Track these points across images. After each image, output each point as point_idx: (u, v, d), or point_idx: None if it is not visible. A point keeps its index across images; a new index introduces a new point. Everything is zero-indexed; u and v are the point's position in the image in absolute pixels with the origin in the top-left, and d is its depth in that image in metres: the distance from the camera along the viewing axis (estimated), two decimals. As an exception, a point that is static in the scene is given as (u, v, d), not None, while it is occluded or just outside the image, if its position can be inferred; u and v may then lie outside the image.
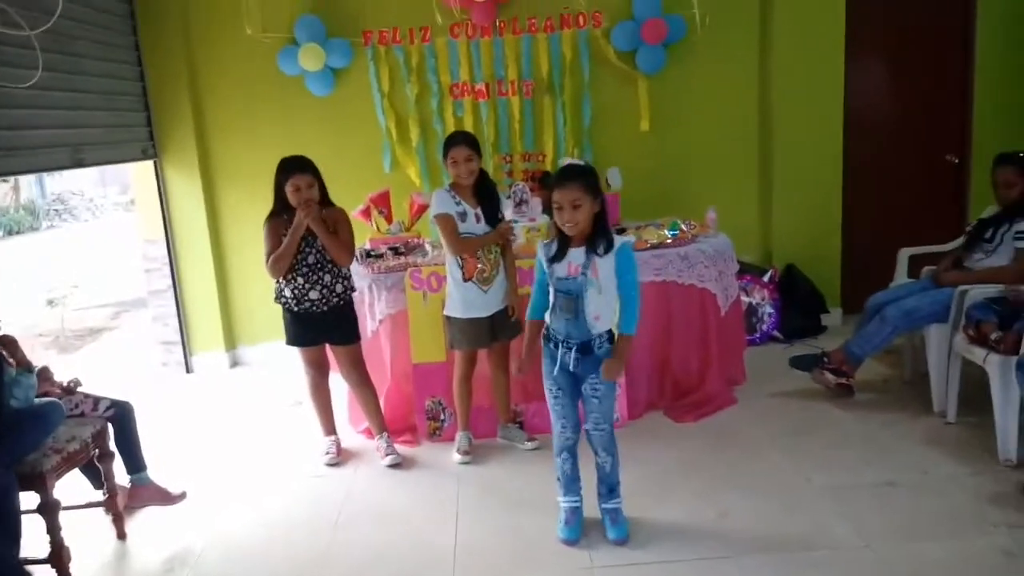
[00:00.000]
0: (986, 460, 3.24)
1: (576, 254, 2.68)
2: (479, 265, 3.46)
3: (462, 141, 3.45)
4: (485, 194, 3.50)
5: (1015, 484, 3.02)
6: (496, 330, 3.54)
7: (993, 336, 3.29)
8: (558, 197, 2.61)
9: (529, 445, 3.64)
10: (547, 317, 2.81)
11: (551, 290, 2.75)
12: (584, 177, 2.63)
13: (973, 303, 3.48)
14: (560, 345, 2.74)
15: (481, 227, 3.46)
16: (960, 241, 4.03)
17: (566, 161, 2.78)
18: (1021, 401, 3.16)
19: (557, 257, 2.70)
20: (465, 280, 3.47)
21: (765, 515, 2.95)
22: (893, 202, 5.24)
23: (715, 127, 5.15)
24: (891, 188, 5.24)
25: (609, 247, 2.66)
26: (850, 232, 5.18)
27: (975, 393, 3.56)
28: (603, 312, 2.70)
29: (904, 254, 4.35)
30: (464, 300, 3.49)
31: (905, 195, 5.25)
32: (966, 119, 5.19)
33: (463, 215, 3.44)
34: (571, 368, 2.74)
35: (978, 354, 3.35)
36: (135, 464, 3.32)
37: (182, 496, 3.39)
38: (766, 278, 4.91)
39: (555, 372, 2.77)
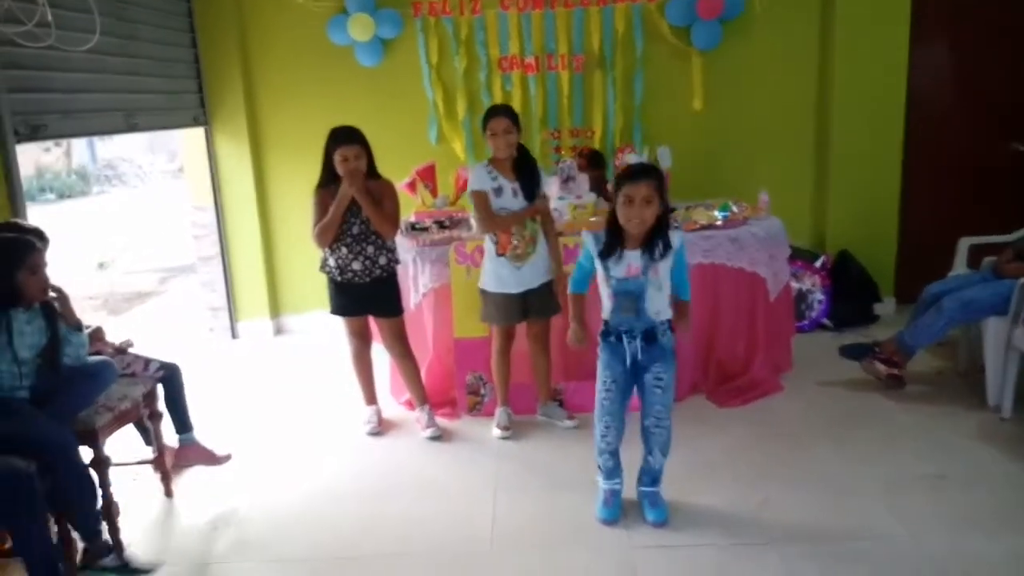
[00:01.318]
0: (1043, 458, 3.14)
1: (633, 256, 2.62)
2: (513, 241, 3.41)
3: (502, 112, 3.40)
4: (524, 169, 3.44)
5: (1073, 484, 2.92)
6: (529, 308, 3.50)
7: (1057, 331, 3.17)
8: (630, 191, 2.55)
9: (569, 423, 3.63)
10: (603, 314, 2.76)
11: (607, 290, 2.69)
12: (657, 176, 2.60)
13: (1037, 296, 3.36)
14: (624, 336, 2.70)
15: (519, 202, 3.40)
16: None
17: (632, 159, 2.74)
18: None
19: (610, 254, 2.65)
20: (499, 255, 3.44)
21: (809, 504, 2.90)
22: (955, 190, 5.05)
23: (771, 107, 5.01)
24: (953, 175, 5.05)
25: (667, 250, 2.61)
26: (908, 219, 5.02)
27: (1034, 389, 3.44)
28: (662, 307, 2.68)
29: (964, 243, 4.20)
30: (496, 275, 3.46)
31: (967, 183, 5.05)
32: (1037, 106, 4.98)
33: (499, 190, 3.39)
34: (639, 357, 2.69)
35: (1040, 349, 3.23)
36: (183, 424, 3.39)
37: (227, 458, 3.46)
38: (818, 264, 4.78)
39: (619, 367, 2.72)
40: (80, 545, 2.64)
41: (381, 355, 3.80)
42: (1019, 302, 3.46)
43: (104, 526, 2.71)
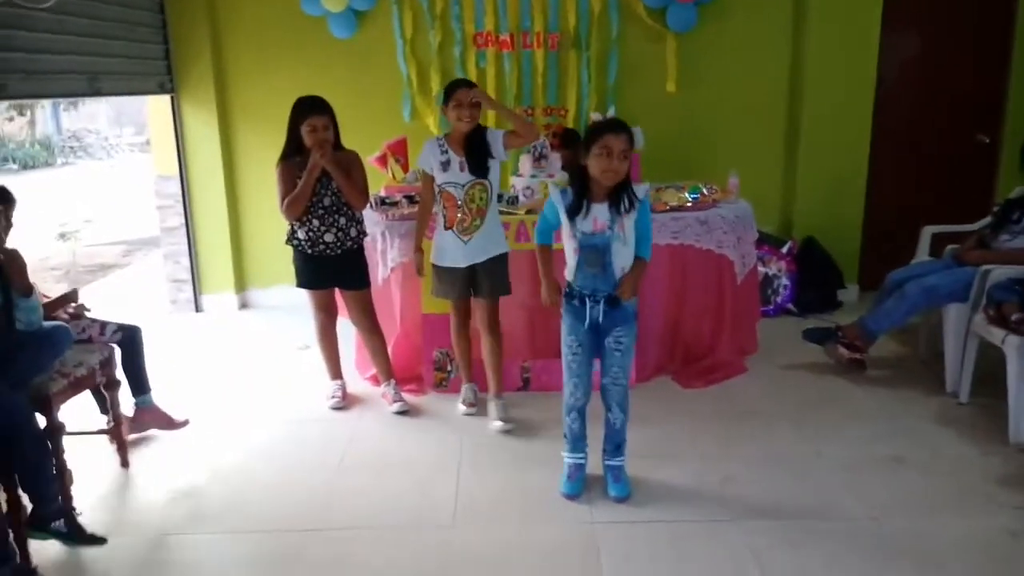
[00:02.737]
0: (997, 442, 3.20)
1: (600, 210, 2.63)
2: (459, 215, 3.36)
3: (468, 84, 3.37)
4: (474, 143, 3.37)
5: (1025, 467, 2.99)
6: (477, 285, 3.43)
7: (1014, 317, 3.23)
8: (609, 142, 2.55)
9: (498, 425, 3.40)
10: (567, 275, 2.75)
11: (573, 244, 2.68)
12: (628, 130, 2.61)
13: (996, 283, 3.41)
14: (587, 300, 2.70)
15: (465, 176, 3.34)
16: (986, 221, 3.94)
17: (597, 116, 2.72)
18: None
19: (576, 211, 2.65)
20: (446, 228, 3.41)
21: (771, 483, 2.93)
22: (920, 179, 5.13)
23: (743, 91, 5.03)
24: (919, 164, 5.12)
25: (631, 205, 2.63)
26: (873, 207, 5.08)
27: (990, 374, 3.50)
28: (628, 263, 2.68)
29: (927, 231, 4.26)
30: (442, 247, 3.42)
31: (932, 172, 5.14)
32: (1001, 100, 5.05)
33: (446, 164, 3.34)
34: (600, 320, 2.70)
35: (996, 335, 3.29)
36: (140, 386, 3.32)
37: (185, 423, 3.40)
38: (784, 249, 4.83)
39: (581, 328, 2.73)
40: (29, 507, 2.57)
41: (347, 330, 3.76)
42: (979, 289, 3.52)
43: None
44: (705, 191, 4.00)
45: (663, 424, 3.41)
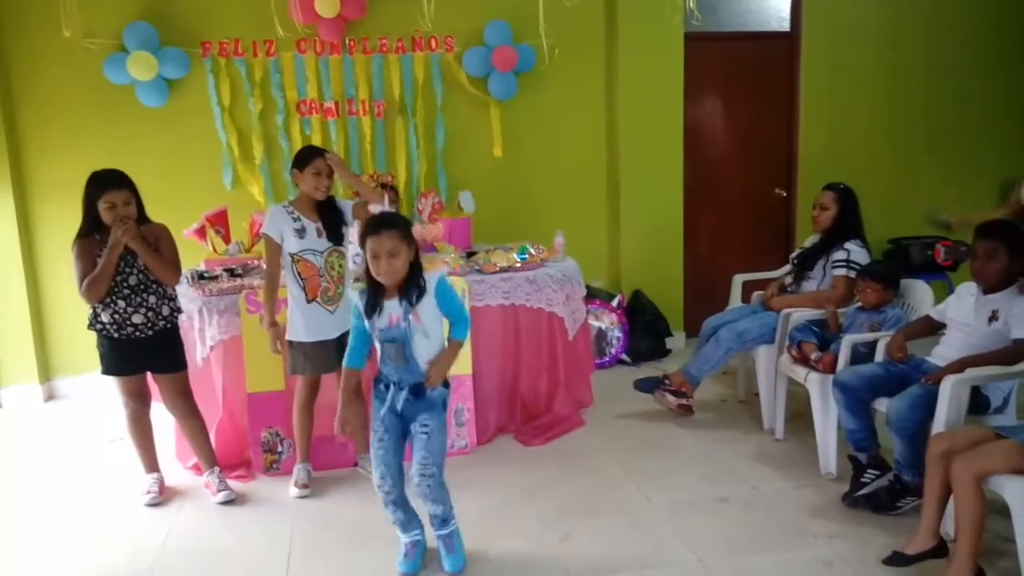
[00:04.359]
0: (810, 474, 3.42)
1: (392, 305, 2.58)
2: (323, 284, 3.30)
3: (320, 152, 3.32)
4: (326, 208, 3.35)
5: (835, 496, 3.19)
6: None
7: (813, 356, 3.50)
8: (374, 246, 2.50)
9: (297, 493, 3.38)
10: (378, 362, 2.69)
11: (376, 342, 2.64)
12: (400, 226, 2.55)
13: (796, 325, 3.71)
14: (391, 387, 2.64)
15: (324, 242, 3.31)
16: (786, 269, 4.29)
17: (377, 210, 2.71)
18: (839, 417, 3.36)
19: (371, 310, 2.59)
20: (309, 301, 3.31)
21: (606, 536, 2.97)
22: (729, 231, 5.56)
23: (565, 154, 5.26)
24: (727, 218, 5.56)
25: (422, 294, 2.58)
26: (691, 259, 5.43)
27: (801, 411, 3.77)
28: (432, 353, 2.63)
29: (738, 279, 4.58)
30: (308, 323, 3.31)
31: (740, 225, 5.58)
32: (793, 156, 5.59)
33: (302, 231, 3.28)
34: (399, 409, 2.64)
35: (800, 373, 3.56)
36: None
37: None
38: (615, 303, 5.03)
39: (383, 413, 2.65)
40: None
41: (164, 417, 3.48)
42: (782, 332, 3.81)
43: None
44: (532, 251, 4.10)
45: (504, 487, 3.39)
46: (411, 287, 2.57)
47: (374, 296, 2.59)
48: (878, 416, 3.18)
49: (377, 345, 2.64)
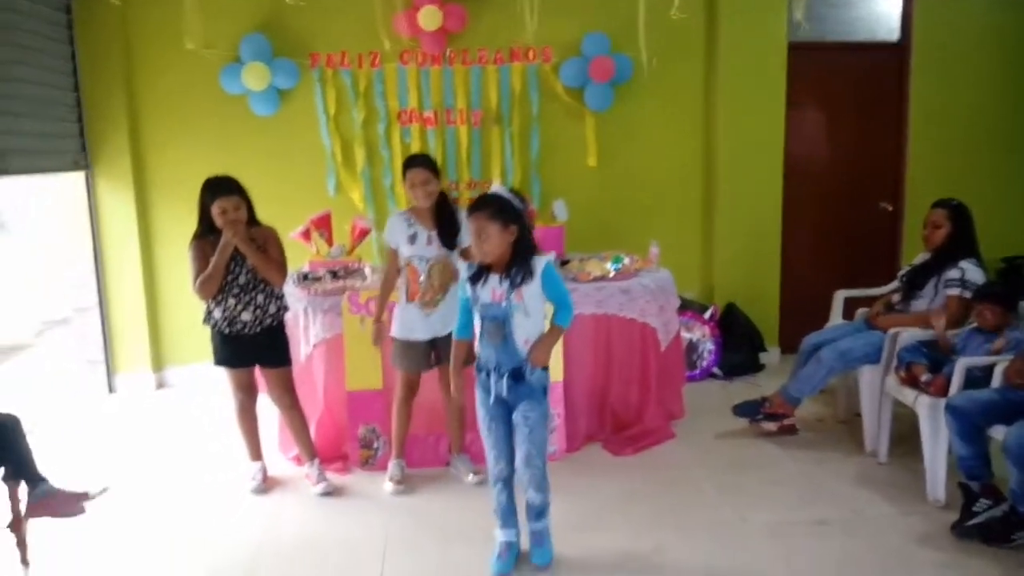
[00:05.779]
0: (916, 500, 3.27)
1: (495, 280, 2.64)
2: (421, 288, 3.39)
3: (420, 163, 3.39)
4: (443, 216, 3.43)
5: (943, 525, 3.05)
6: (440, 355, 3.44)
7: (923, 378, 3.35)
8: (472, 224, 2.61)
9: (472, 479, 3.51)
10: (476, 346, 2.74)
11: (476, 316, 2.69)
12: (489, 206, 2.59)
13: (904, 346, 3.55)
14: (491, 373, 2.68)
15: (432, 250, 3.39)
16: (893, 285, 4.13)
17: (495, 187, 2.76)
18: (949, 443, 3.21)
19: (476, 279, 2.67)
20: (408, 301, 3.41)
21: (700, 551, 2.92)
22: (830, 246, 5.39)
23: (660, 165, 5.22)
24: (828, 232, 5.39)
25: (527, 276, 2.61)
26: (788, 273, 5.28)
27: (906, 434, 3.62)
28: (532, 335, 2.67)
29: (839, 296, 4.43)
30: (403, 321, 3.42)
31: (841, 239, 5.40)
32: (900, 170, 5.39)
33: (413, 237, 3.38)
34: (504, 395, 2.68)
35: (908, 396, 3.41)
36: (30, 478, 3.04)
37: (84, 497, 3.00)
38: (707, 315, 4.95)
39: (489, 401, 2.70)
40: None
41: (268, 410, 3.63)
42: (889, 352, 3.66)
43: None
44: (627, 261, 4.09)
45: (593, 494, 3.38)
46: (515, 267, 2.62)
47: (481, 268, 2.67)
48: (992, 444, 3.02)
49: (477, 323, 2.69)
